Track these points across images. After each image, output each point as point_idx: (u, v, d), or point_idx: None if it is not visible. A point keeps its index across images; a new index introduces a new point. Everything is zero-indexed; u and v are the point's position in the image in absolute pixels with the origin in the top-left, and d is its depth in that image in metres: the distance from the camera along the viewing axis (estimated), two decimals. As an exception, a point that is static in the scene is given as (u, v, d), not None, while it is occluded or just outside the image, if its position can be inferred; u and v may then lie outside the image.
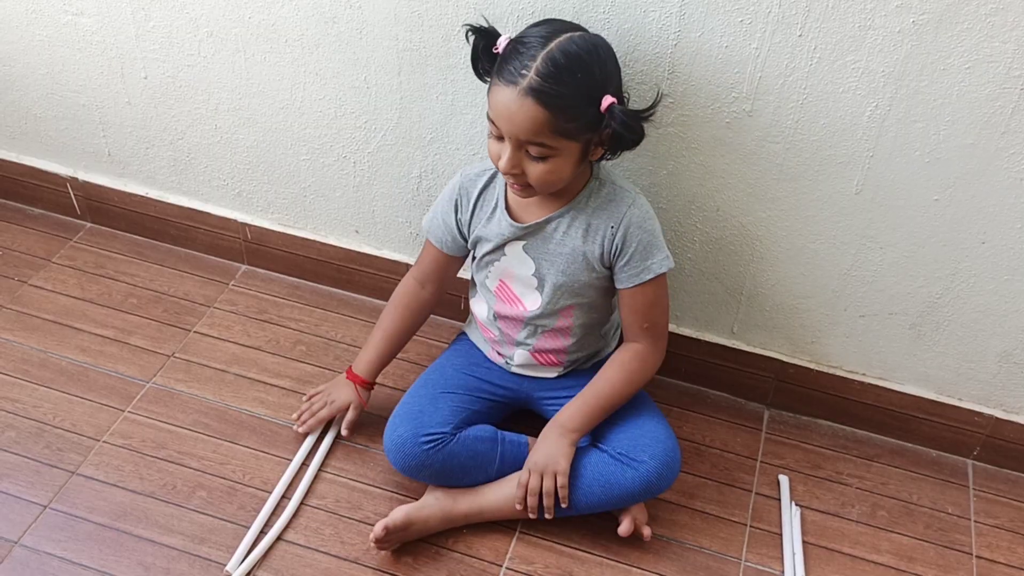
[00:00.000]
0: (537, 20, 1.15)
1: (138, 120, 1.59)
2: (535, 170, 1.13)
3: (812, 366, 1.47)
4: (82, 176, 1.71)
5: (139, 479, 1.34)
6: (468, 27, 1.15)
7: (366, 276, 1.64)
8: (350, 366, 1.41)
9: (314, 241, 1.63)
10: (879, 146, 1.21)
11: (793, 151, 1.25)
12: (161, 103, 1.55)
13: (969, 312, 1.33)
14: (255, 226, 1.65)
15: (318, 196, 1.57)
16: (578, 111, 1.09)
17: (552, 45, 1.07)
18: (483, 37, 1.14)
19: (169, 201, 1.68)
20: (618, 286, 1.25)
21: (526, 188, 1.16)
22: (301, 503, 1.32)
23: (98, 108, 1.61)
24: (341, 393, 1.39)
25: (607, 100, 1.09)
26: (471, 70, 1.31)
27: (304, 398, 1.43)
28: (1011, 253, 1.25)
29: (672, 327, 1.48)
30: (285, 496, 1.33)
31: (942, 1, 1.08)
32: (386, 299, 1.62)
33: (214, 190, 1.64)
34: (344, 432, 1.39)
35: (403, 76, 1.37)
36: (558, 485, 1.23)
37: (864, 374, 1.45)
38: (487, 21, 1.17)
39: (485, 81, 1.17)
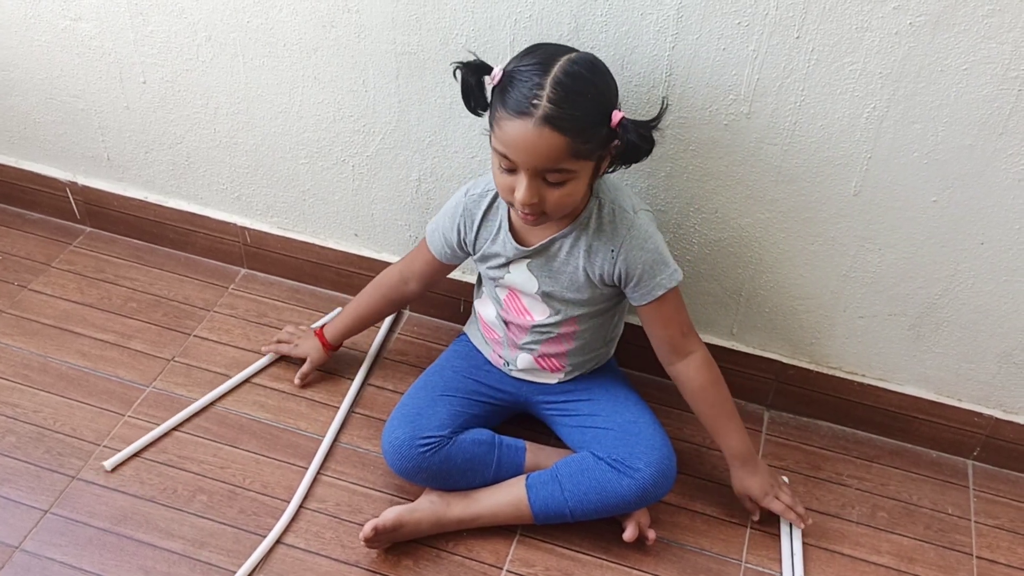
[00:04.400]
0: (527, 45, 1.13)
1: (137, 125, 1.59)
2: (553, 196, 1.12)
3: (812, 367, 1.47)
4: (81, 180, 1.71)
5: (139, 483, 1.34)
6: (457, 64, 1.13)
7: (365, 279, 1.62)
8: (322, 326, 1.50)
9: (313, 244, 1.63)
10: (877, 147, 1.21)
11: (791, 153, 1.25)
12: (160, 108, 1.55)
13: (968, 313, 1.33)
14: (254, 230, 1.65)
15: (317, 199, 1.57)
16: (593, 131, 1.08)
17: (555, 70, 1.06)
18: (474, 72, 1.12)
19: (168, 205, 1.68)
20: (633, 304, 1.27)
21: (539, 217, 1.15)
22: (300, 507, 1.33)
23: (97, 113, 1.61)
24: (306, 344, 1.50)
25: (617, 115, 1.09)
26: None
27: (282, 331, 1.55)
28: (1010, 254, 1.25)
29: (671, 329, 1.49)
30: (288, 501, 1.33)
31: (939, 3, 1.08)
32: (385, 302, 1.62)
33: (213, 194, 1.64)
34: (296, 382, 1.49)
35: (401, 79, 1.37)
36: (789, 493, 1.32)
37: (864, 375, 1.45)
38: (475, 55, 1.15)
39: (478, 115, 1.16)
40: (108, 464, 1.34)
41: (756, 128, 1.24)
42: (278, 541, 1.28)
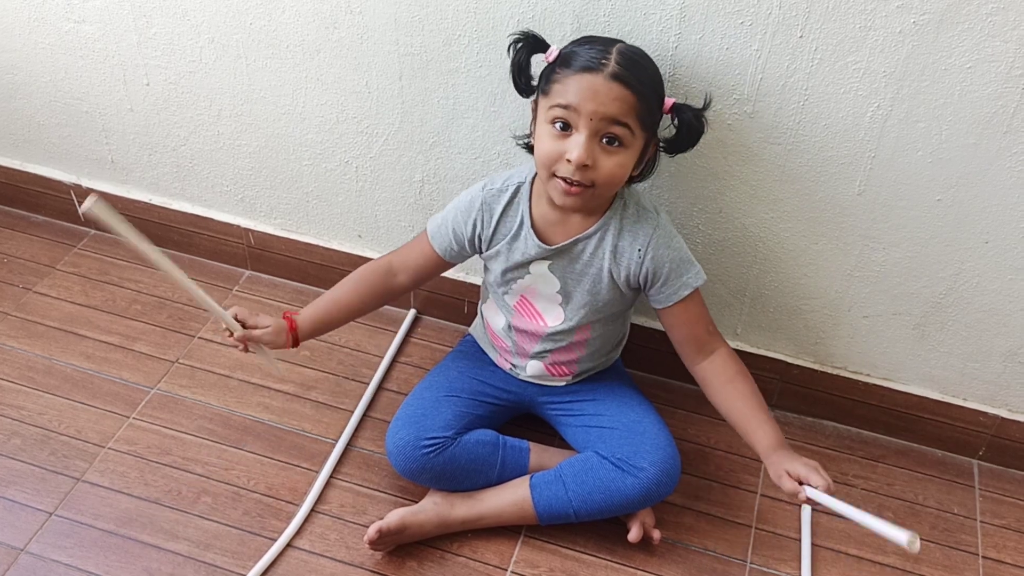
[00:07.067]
0: (577, 35, 1.17)
1: (141, 127, 1.60)
2: (606, 164, 1.10)
3: (816, 367, 1.46)
4: (85, 183, 1.71)
5: (144, 485, 1.34)
6: (516, 37, 1.16)
7: (369, 280, 1.64)
8: (296, 312, 1.29)
9: (317, 246, 1.63)
10: (881, 147, 1.21)
11: (795, 152, 1.25)
12: (163, 110, 1.55)
13: (973, 312, 1.33)
14: (258, 231, 1.65)
15: (320, 201, 1.57)
16: (653, 105, 1.12)
17: (617, 46, 1.10)
18: (530, 49, 1.16)
19: (172, 207, 1.68)
20: (658, 307, 1.25)
21: (584, 190, 1.12)
22: (312, 510, 1.32)
23: (101, 115, 1.61)
24: (267, 319, 1.26)
25: (669, 101, 1.14)
26: (472, 74, 1.32)
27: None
28: (1014, 252, 1.25)
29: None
30: (293, 503, 1.33)
31: (943, 1, 1.07)
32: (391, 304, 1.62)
33: (217, 196, 1.64)
34: (236, 335, 1.25)
35: (404, 81, 1.37)
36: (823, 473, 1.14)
37: (868, 375, 1.45)
38: (532, 32, 1.17)
39: (524, 94, 1.18)
40: None
41: (760, 128, 1.24)
42: (288, 544, 1.28)
